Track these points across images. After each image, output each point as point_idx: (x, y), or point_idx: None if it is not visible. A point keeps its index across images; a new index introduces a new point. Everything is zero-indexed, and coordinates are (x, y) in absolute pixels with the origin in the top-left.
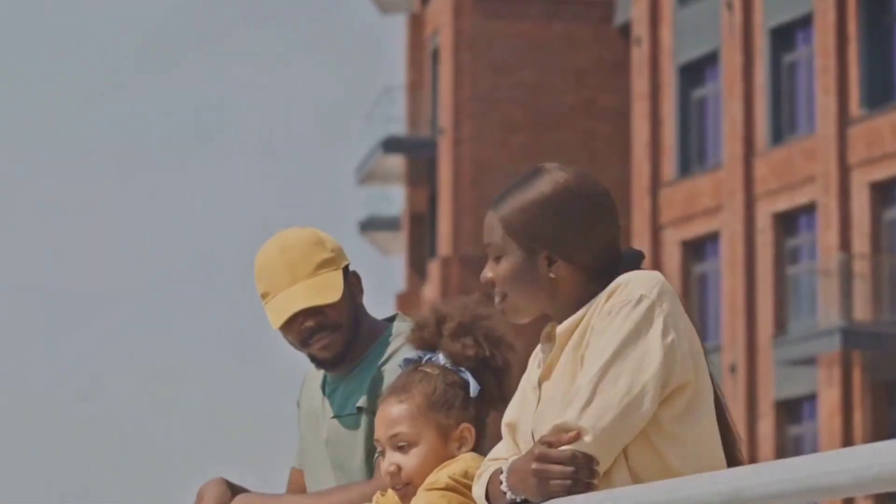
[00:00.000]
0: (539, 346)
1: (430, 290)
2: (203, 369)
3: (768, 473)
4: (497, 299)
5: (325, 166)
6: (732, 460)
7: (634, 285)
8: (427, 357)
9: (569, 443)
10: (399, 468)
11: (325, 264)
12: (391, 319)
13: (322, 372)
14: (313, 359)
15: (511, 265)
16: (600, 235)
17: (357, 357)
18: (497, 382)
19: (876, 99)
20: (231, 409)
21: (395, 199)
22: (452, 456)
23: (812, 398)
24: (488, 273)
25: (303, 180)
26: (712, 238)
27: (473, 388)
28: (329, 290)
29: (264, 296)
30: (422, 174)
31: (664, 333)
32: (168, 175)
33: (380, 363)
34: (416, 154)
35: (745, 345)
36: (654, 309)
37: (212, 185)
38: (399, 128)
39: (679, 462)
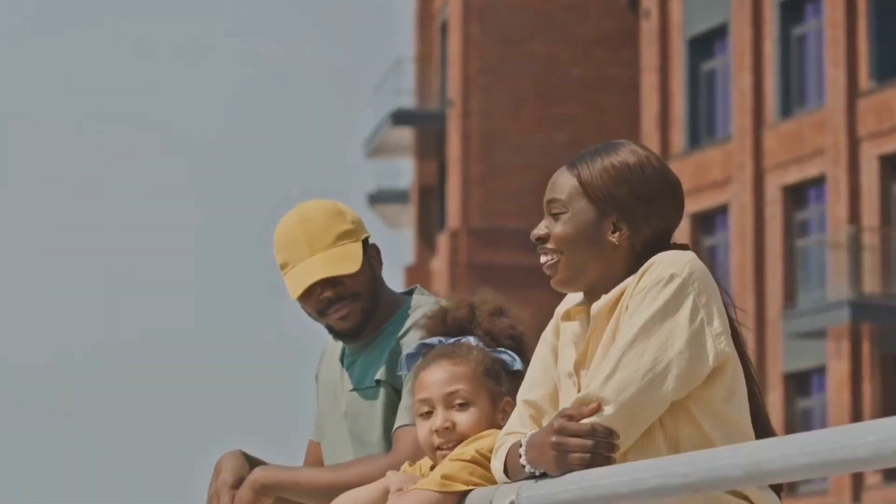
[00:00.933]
0: (553, 325)
1: (439, 263)
2: (220, 340)
3: (789, 446)
4: (547, 258)
5: (333, 139)
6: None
7: (666, 264)
8: (452, 341)
9: (589, 415)
10: (454, 425)
11: (344, 235)
12: (410, 293)
13: (340, 344)
14: (331, 330)
15: (578, 222)
16: (665, 217)
17: (376, 329)
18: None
19: (885, 71)
20: (249, 380)
21: (403, 172)
22: (499, 426)
23: (821, 371)
24: (543, 229)
25: (312, 153)
26: (721, 211)
27: (515, 362)
28: (348, 260)
29: (283, 266)
30: (431, 147)
31: (693, 312)
32: (180, 143)
33: (399, 335)
34: (425, 126)
35: (754, 317)
36: (685, 287)
37: (219, 156)
38: (408, 100)
39: (724, 443)
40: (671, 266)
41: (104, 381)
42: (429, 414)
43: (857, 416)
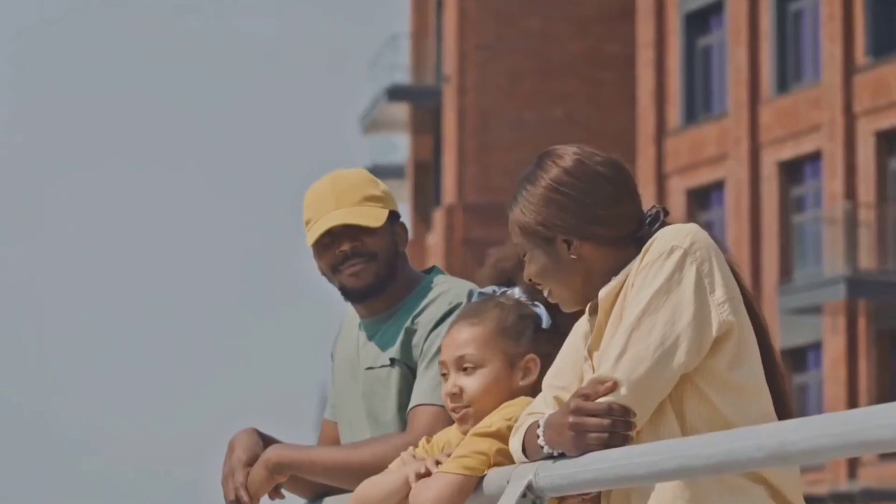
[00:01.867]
0: (584, 317)
1: (435, 239)
2: (237, 319)
3: (812, 427)
4: (545, 293)
5: (329, 115)
6: (784, 415)
7: (667, 238)
8: (501, 290)
9: (605, 394)
10: (461, 390)
11: (372, 199)
12: (429, 271)
13: (357, 322)
14: (343, 289)
15: (537, 261)
16: (611, 210)
17: (392, 305)
18: (571, 320)
19: (882, 47)
20: (264, 359)
21: (399, 148)
22: (516, 386)
23: (817, 347)
24: (526, 274)
25: (308, 128)
26: (717, 186)
27: (546, 320)
28: (370, 217)
29: (307, 222)
30: (426, 123)
31: (697, 282)
32: (172, 121)
33: (415, 314)
34: (421, 102)
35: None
36: (686, 258)
37: (218, 132)
38: (404, 76)
39: (733, 411)
40: (672, 239)
41: (120, 359)
42: (446, 376)
43: (852, 392)
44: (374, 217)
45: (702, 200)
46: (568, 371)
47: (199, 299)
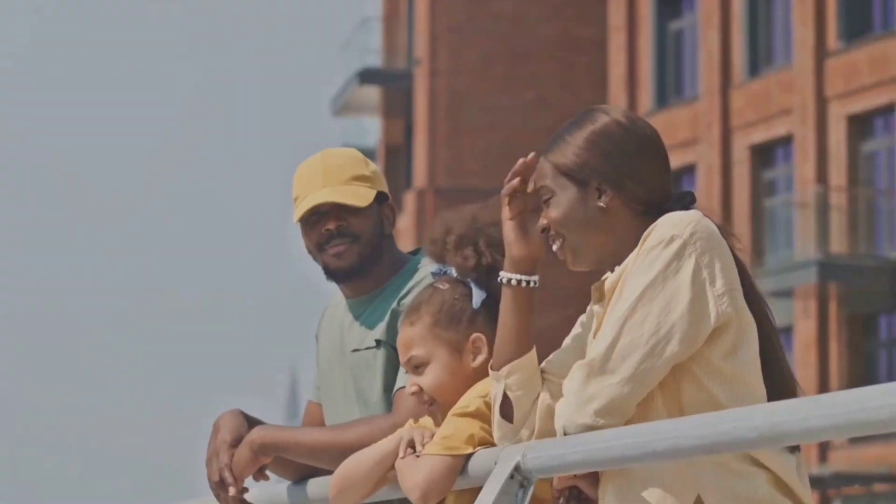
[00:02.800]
0: (591, 306)
1: (406, 222)
2: (222, 301)
3: (806, 408)
4: (556, 246)
5: (301, 97)
6: None
7: (667, 226)
8: (444, 270)
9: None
10: (420, 388)
11: (360, 179)
12: (415, 253)
13: (342, 304)
14: (326, 268)
15: (563, 202)
16: (649, 171)
17: (378, 285)
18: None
19: (854, 31)
20: (250, 340)
21: (370, 131)
22: (469, 369)
23: (788, 330)
24: (543, 220)
25: (279, 111)
26: (689, 170)
27: (476, 299)
28: (357, 197)
29: (296, 199)
30: (397, 106)
31: (695, 273)
32: (146, 104)
33: (400, 296)
34: (392, 85)
35: None
36: (686, 248)
37: (189, 114)
38: (375, 59)
39: (728, 400)
40: (672, 227)
41: (106, 341)
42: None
43: (823, 375)
44: (361, 197)
45: (673, 183)
46: (567, 360)
47: (168, 282)
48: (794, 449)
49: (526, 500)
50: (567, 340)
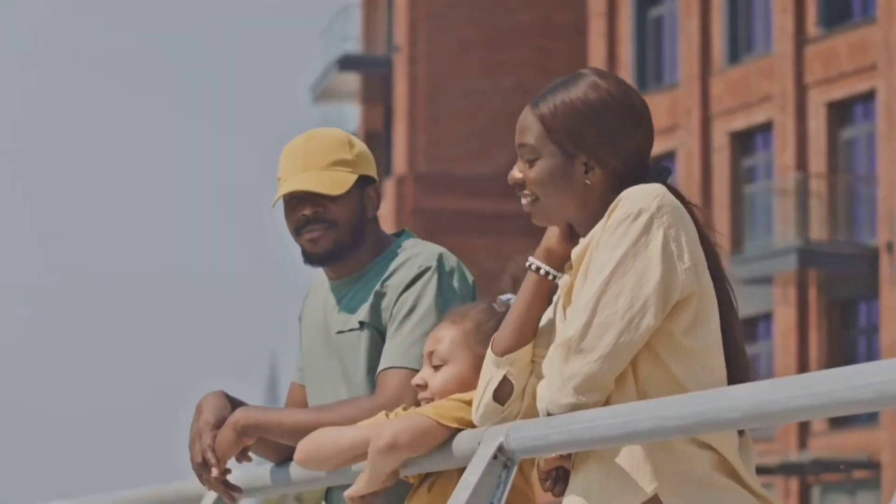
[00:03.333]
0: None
1: (386, 209)
2: (200, 287)
3: (789, 388)
4: (525, 201)
5: (280, 84)
6: (741, 381)
7: (633, 199)
8: (509, 299)
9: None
10: (425, 384)
11: (341, 163)
12: (398, 234)
13: (325, 286)
14: (303, 252)
15: (548, 167)
16: (636, 147)
17: (360, 267)
18: None
19: (833, 18)
20: (233, 321)
21: (350, 117)
22: None
23: (768, 317)
24: (517, 174)
25: (258, 97)
26: (668, 157)
27: None
28: (333, 184)
29: (279, 179)
30: (377, 92)
31: (664, 246)
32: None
33: (383, 278)
34: (372, 72)
35: None
36: (654, 222)
37: (169, 100)
38: (354, 46)
39: (685, 376)
40: (639, 201)
41: (86, 326)
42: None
43: (803, 362)
44: (337, 184)
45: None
46: (542, 339)
47: (147, 266)
48: (741, 430)
49: (509, 480)
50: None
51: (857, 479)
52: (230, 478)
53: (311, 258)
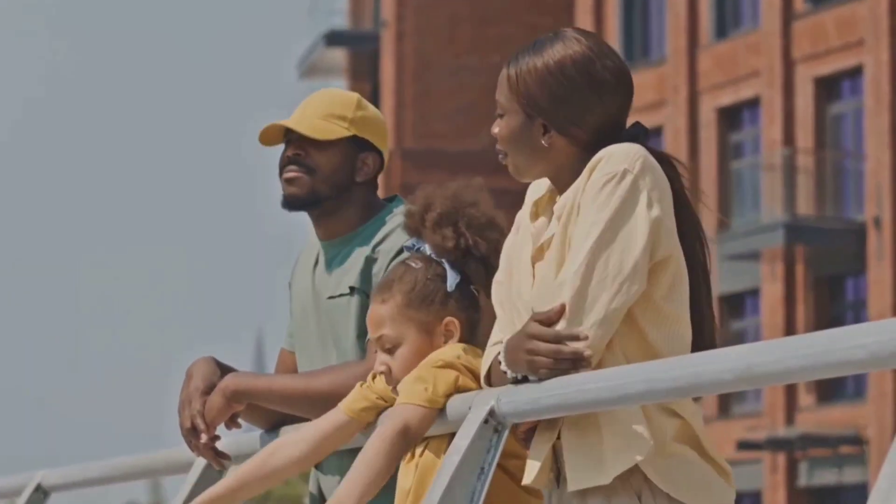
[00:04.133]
0: (522, 212)
1: None
2: (195, 248)
3: (783, 349)
4: (501, 156)
5: (267, 59)
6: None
7: (616, 159)
8: (419, 246)
9: (557, 318)
10: (390, 369)
11: (339, 117)
12: (391, 200)
13: (315, 250)
14: (282, 196)
15: (509, 126)
16: (601, 113)
17: (349, 229)
18: (484, 270)
19: None
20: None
21: None
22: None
23: (755, 293)
24: (494, 128)
25: (245, 73)
26: (656, 132)
27: (450, 281)
28: (319, 130)
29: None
30: (364, 68)
31: (649, 207)
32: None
33: (374, 243)
34: (359, 48)
35: None
36: (638, 183)
37: (157, 77)
38: (342, 21)
39: (657, 338)
40: (622, 161)
41: (75, 298)
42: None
43: None
44: (321, 130)
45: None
46: (504, 282)
47: (133, 240)
48: (697, 399)
49: (500, 444)
50: (504, 255)
51: (843, 455)
52: (219, 445)
53: (286, 199)
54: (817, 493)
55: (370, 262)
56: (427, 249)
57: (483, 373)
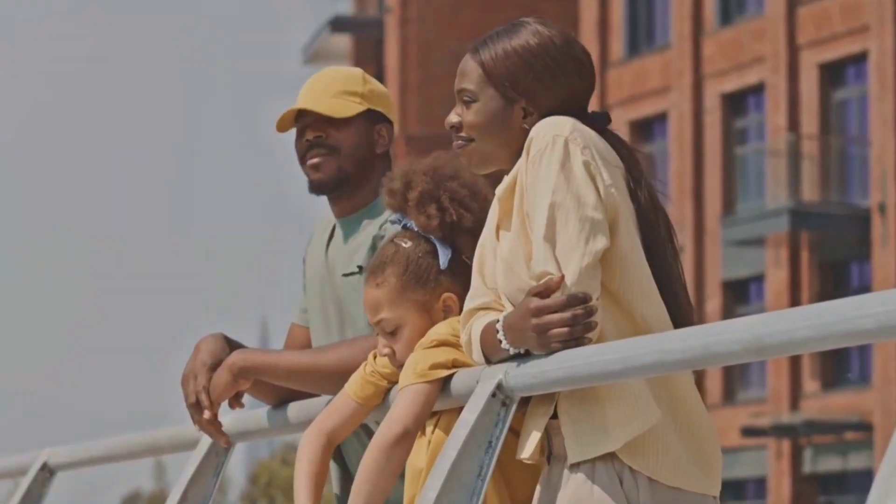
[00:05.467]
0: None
1: None
2: (208, 225)
3: (791, 319)
4: (458, 143)
5: (271, 45)
6: (679, 315)
7: (545, 129)
8: (405, 222)
9: (557, 287)
10: (393, 352)
11: (350, 94)
12: None
13: (329, 226)
14: (308, 181)
15: (484, 111)
16: (575, 93)
17: (365, 203)
18: (473, 240)
19: None
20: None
21: None
22: None
23: (759, 279)
24: (454, 118)
25: (249, 60)
26: (660, 118)
27: (442, 259)
28: (336, 109)
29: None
30: (368, 54)
31: (585, 165)
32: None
33: (382, 221)
34: (363, 34)
35: (693, 225)
36: (569, 144)
37: (162, 64)
38: (346, 7)
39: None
40: (551, 129)
41: (82, 280)
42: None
43: None
44: (338, 108)
45: (645, 132)
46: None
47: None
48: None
49: (508, 418)
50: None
51: (848, 441)
52: (225, 420)
53: (314, 185)
54: (822, 479)
55: (378, 240)
56: (413, 224)
57: (476, 349)
